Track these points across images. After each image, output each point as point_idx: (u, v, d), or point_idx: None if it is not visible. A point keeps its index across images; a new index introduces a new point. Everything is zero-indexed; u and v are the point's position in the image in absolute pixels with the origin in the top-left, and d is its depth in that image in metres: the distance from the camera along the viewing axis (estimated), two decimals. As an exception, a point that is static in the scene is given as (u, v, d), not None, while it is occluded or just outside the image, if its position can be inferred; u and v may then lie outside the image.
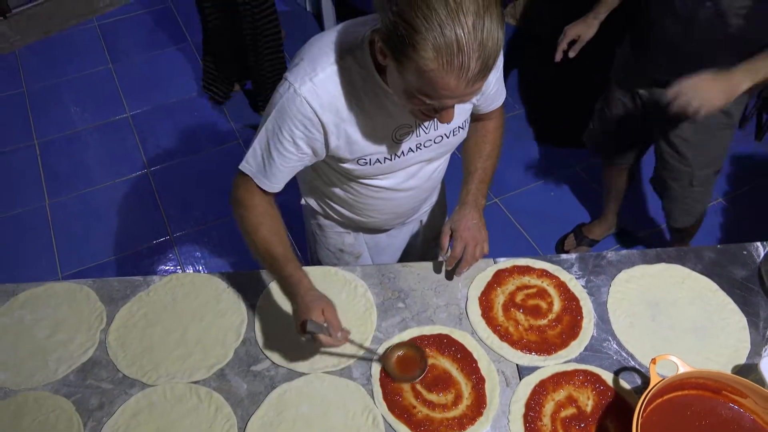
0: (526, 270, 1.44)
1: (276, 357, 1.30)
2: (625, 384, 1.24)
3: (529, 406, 1.21)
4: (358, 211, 1.46)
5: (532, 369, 1.28)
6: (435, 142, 1.28)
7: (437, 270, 1.46)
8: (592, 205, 2.91)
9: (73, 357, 1.31)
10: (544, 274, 1.44)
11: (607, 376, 1.25)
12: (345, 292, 1.41)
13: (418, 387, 1.24)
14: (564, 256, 1.48)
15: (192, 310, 1.39)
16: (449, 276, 1.44)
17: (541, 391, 1.23)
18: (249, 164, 1.22)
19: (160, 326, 1.36)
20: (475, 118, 1.40)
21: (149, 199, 2.96)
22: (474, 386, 1.24)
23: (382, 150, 1.23)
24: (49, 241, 2.81)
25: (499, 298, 1.40)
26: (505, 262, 1.47)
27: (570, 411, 1.21)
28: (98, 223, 2.89)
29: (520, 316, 1.36)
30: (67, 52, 3.79)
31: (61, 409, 1.23)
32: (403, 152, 1.26)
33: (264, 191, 1.24)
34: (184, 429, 1.20)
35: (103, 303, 1.41)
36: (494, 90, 1.33)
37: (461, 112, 1.26)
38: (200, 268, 2.70)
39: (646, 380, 1.25)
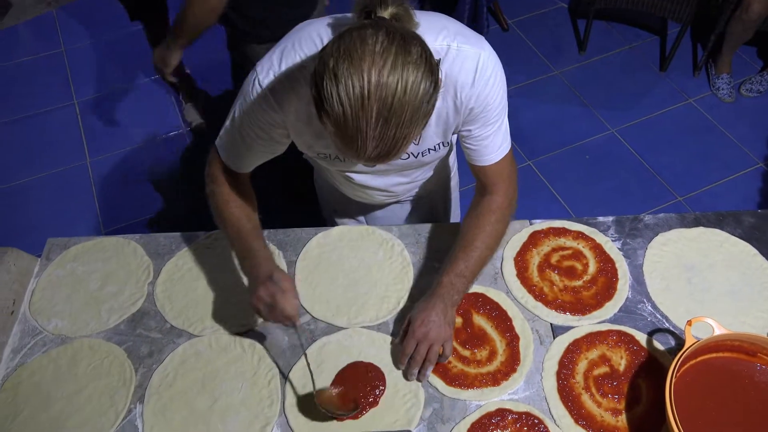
0: (562, 232, 1.45)
1: (316, 311, 1.34)
2: (658, 345, 1.26)
3: (562, 364, 1.24)
4: (342, 189, 1.48)
5: (566, 328, 1.30)
6: (401, 159, 1.22)
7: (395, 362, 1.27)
8: (628, 168, 2.87)
9: (123, 307, 1.38)
10: (579, 236, 1.44)
11: (641, 337, 1.27)
12: (382, 250, 1.44)
13: (454, 343, 1.28)
14: (600, 218, 1.48)
15: (234, 265, 1.43)
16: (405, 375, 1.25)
17: (574, 349, 1.26)
18: (221, 141, 1.22)
19: (204, 280, 1.41)
20: (479, 182, 1.26)
21: (188, 158, 3.02)
22: (508, 344, 1.27)
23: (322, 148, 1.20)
24: (90, 199, 2.91)
25: (535, 258, 1.41)
26: (540, 224, 1.48)
27: (603, 369, 1.23)
28: (137, 181, 2.97)
29: (555, 276, 1.38)
30: (103, 11, 3.82)
31: (114, 356, 1.30)
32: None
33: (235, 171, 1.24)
34: (229, 376, 1.26)
35: (149, 257, 1.47)
36: (479, 135, 1.17)
37: (430, 137, 1.18)
38: (236, 226, 2.76)
39: (680, 342, 1.26)
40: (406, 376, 1.23)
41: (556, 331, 1.30)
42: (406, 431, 1.10)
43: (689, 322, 1.16)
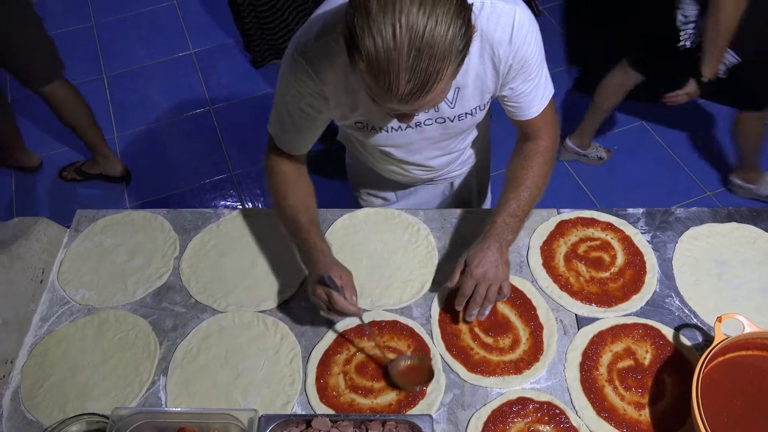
0: (591, 222, 1.43)
1: (339, 292, 1.34)
2: (685, 341, 1.24)
3: (586, 355, 1.23)
4: (377, 167, 1.47)
5: (591, 320, 1.28)
6: (437, 122, 1.22)
7: (441, 301, 1.32)
8: (655, 158, 2.82)
9: (149, 281, 1.39)
10: (608, 227, 1.42)
11: (668, 332, 1.25)
12: (407, 234, 1.43)
13: (476, 330, 1.27)
14: (631, 210, 1.46)
15: (259, 243, 1.44)
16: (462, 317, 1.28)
17: (599, 341, 1.24)
18: (272, 125, 1.25)
19: (229, 257, 1.42)
20: (521, 132, 1.28)
21: (211, 136, 3.04)
22: (532, 332, 1.26)
23: (377, 121, 1.20)
24: (117, 172, 2.93)
25: (561, 248, 1.39)
26: (568, 213, 1.46)
27: (627, 363, 1.22)
28: (162, 157, 3.00)
29: (581, 267, 1.36)
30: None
31: (139, 328, 1.31)
32: (401, 127, 1.22)
33: (291, 154, 1.26)
34: (251, 353, 1.27)
35: (176, 232, 1.48)
36: (521, 92, 1.17)
37: (467, 99, 1.17)
38: (259, 204, 2.78)
39: (707, 338, 1.24)
40: (464, 317, 1.24)
41: (581, 322, 1.28)
42: (426, 415, 1.10)
43: (719, 318, 1.14)
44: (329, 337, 1.28)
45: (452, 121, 1.22)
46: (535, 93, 1.19)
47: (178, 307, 1.35)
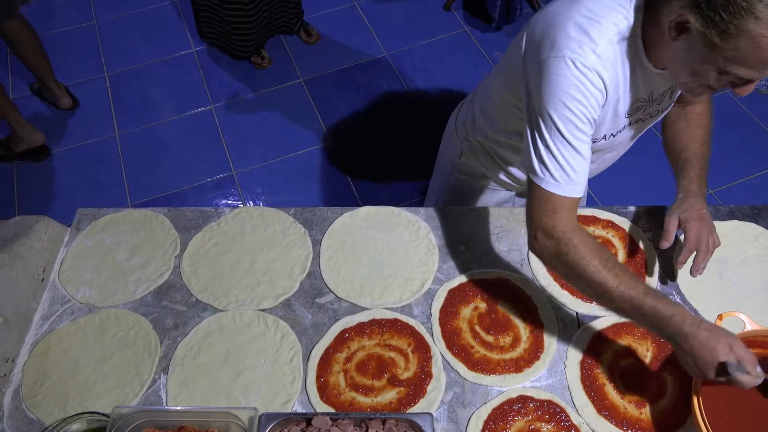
0: (592, 220, 1.43)
1: (340, 291, 1.34)
2: (686, 339, 1.23)
3: (586, 354, 1.23)
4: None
5: (592, 318, 1.28)
6: (651, 116, 1.22)
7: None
8: (657, 156, 2.81)
9: (150, 279, 1.39)
10: (609, 225, 1.42)
11: (669, 330, 1.25)
12: (408, 232, 1.43)
13: (477, 328, 1.27)
14: (631, 208, 1.46)
15: (260, 242, 1.44)
16: (671, 276, 1.33)
17: (599, 339, 1.24)
18: (546, 171, 1.06)
19: (230, 255, 1.42)
20: (681, 99, 1.30)
21: (213, 135, 3.04)
22: (532, 331, 1.26)
23: (611, 127, 1.16)
24: (119, 171, 2.94)
25: (562, 246, 1.39)
26: (569, 212, 1.45)
27: (628, 361, 1.21)
28: (164, 156, 3.00)
29: (582, 265, 1.35)
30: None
31: (139, 326, 1.31)
32: (625, 126, 1.19)
33: (574, 200, 1.08)
34: (252, 352, 1.27)
35: (176, 230, 1.48)
36: None
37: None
38: (260, 203, 2.78)
39: (708, 336, 1.24)
40: (692, 271, 1.25)
41: (582, 320, 1.28)
42: (426, 414, 1.10)
43: (720, 317, 1.14)
44: (330, 335, 1.28)
45: (661, 113, 1.23)
46: None
47: (179, 305, 1.35)
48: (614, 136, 1.20)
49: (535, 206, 1.09)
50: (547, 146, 1.05)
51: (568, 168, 1.05)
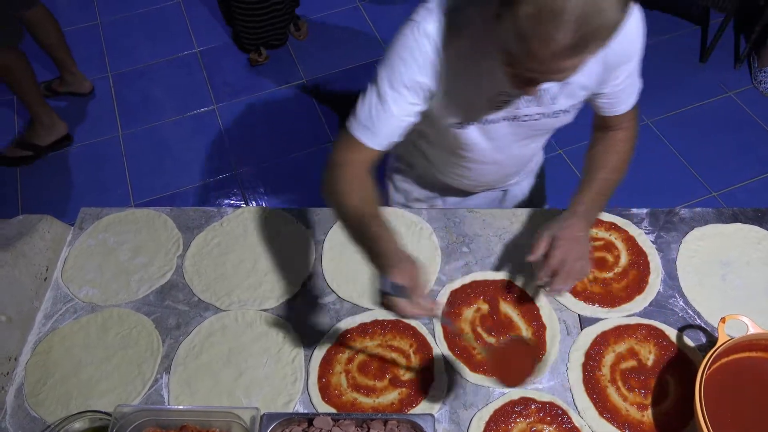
0: (595, 222, 1.42)
1: (342, 291, 1.34)
2: (689, 341, 1.23)
3: (588, 356, 1.22)
4: (441, 172, 1.45)
5: (594, 320, 1.28)
6: (533, 119, 1.19)
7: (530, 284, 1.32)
8: (661, 160, 2.81)
9: (152, 279, 1.40)
10: (612, 227, 1.42)
11: (671, 333, 1.25)
12: (410, 233, 1.43)
13: (479, 330, 1.27)
14: (634, 210, 1.45)
15: (263, 241, 1.44)
16: (539, 292, 1.31)
17: (602, 341, 1.24)
18: (356, 116, 1.11)
19: (233, 255, 1.42)
20: (603, 124, 1.28)
21: (216, 135, 3.04)
22: (534, 332, 1.26)
23: (477, 112, 1.16)
24: (122, 170, 2.95)
25: (565, 248, 1.39)
26: (572, 213, 1.45)
27: (630, 363, 1.21)
28: (167, 155, 3.00)
29: (585, 267, 1.35)
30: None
31: (142, 326, 1.32)
32: (498, 119, 1.18)
33: (367, 149, 1.11)
34: (254, 351, 1.27)
35: (179, 230, 1.48)
36: (621, 88, 1.17)
37: (568, 95, 1.15)
38: (263, 203, 2.78)
39: (711, 339, 1.24)
40: (546, 292, 1.24)
41: (584, 322, 1.28)
42: (428, 415, 1.10)
43: (723, 319, 1.14)
44: (331, 335, 1.28)
45: (548, 117, 1.19)
46: (632, 88, 1.20)
47: (181, 305, 1.36)
48: (486, 125, 1.18)
49: (335, 143, 1.15)
50: (364, 95, 1.10)
51: (374, 116, 1.09)
